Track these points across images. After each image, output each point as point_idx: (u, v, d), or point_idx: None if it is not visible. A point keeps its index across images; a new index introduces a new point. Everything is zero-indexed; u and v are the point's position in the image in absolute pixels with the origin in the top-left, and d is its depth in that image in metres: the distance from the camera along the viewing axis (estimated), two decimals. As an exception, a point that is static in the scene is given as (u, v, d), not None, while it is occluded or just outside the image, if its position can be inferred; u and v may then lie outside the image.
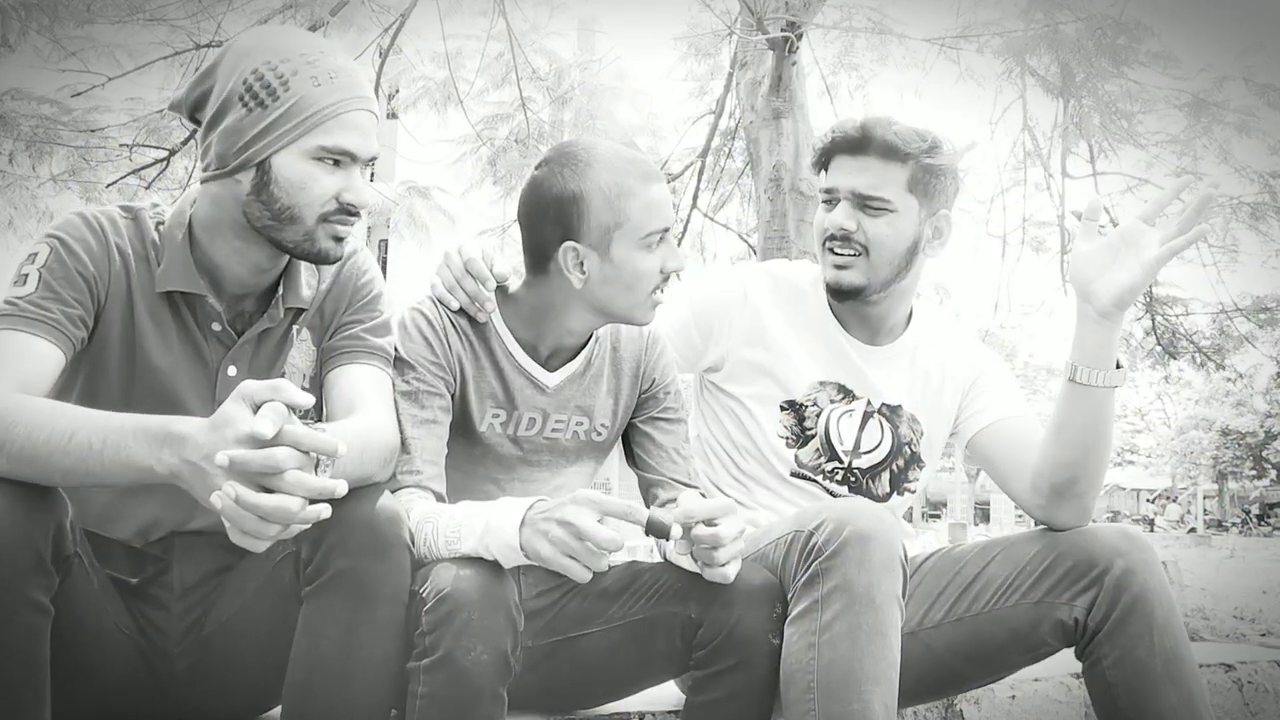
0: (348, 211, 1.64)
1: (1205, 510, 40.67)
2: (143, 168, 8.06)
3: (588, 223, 1.75)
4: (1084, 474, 1.89)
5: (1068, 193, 8.58)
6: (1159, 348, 9.91)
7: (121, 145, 7.97)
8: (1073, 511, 1.92)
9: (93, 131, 8.03)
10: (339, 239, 1.66)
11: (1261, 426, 36.11)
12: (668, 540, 1.54)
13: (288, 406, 1.32)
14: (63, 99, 7.81)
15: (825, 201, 2.07)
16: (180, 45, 6.89)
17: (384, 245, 22.42)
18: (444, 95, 8.62)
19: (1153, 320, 9.49)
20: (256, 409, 1.31)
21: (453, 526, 1.57)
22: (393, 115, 10.02)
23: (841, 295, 2.06)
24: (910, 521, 2.01)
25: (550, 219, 1.76)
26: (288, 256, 1.70)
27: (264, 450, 1.28)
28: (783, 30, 6.21)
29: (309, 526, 1.35)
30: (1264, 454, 39.02)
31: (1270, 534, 33.35)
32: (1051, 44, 7.23)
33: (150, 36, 7.32)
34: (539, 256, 1.80)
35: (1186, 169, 8.46)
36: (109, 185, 8.32)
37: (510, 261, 1.91)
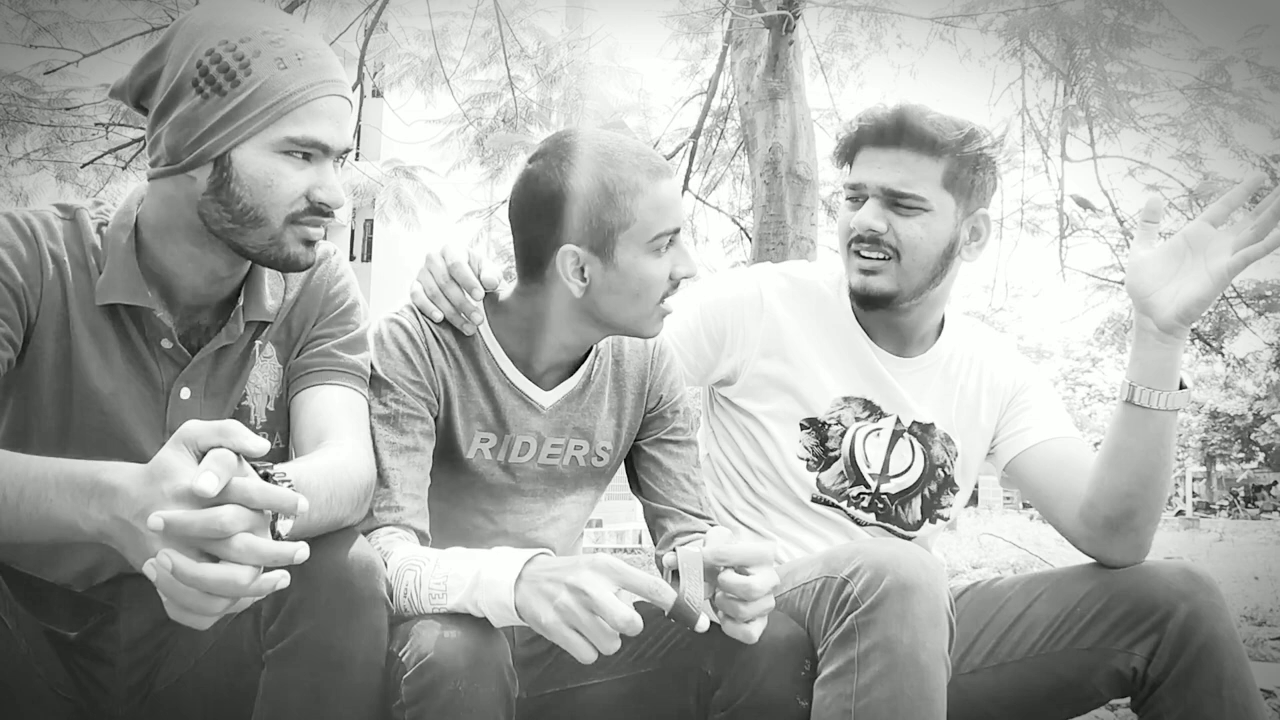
0: (319, 211, 1.43)
1: (1194, 493, 40.70)
2: (120, 147, 7.87)
3: (589, 223, 1.54)
4: (1142, 506, 1.70)
5: (1066, 176, 8.44)
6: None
7: (97, 124, 7.77)
8: (1129, 547, 1.72)
9: (67, 110, 7.83)
10: (310, 243, 1.45)
11: (1250, 409, 36.09)
12: (694, 629, 1.32)
13: (238, 453, 1.11)
14: (34, 76, 7.59)
15: (850, 199, 1.86)
16: (158, 21, 6.73)
17: (369, 226, 22.20)
18: (429, 73, 8.49)
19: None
20: (201, 455, 1.10)
21: (438, 577, 1.36)
22: (378, 94, 9.81)
23: (869, 303, 1.85)
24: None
25: (546, 219, 1.55)
26: (249, 263, 1.49)
27: (207, 511, 1.07)
28: (780, 8, 6.02)
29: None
30: (1252, 437, 39.07)
31: (1258, 516, 33.41)
32: (1056, 22, 7.04)
33: (126, 12, 7.15)
34: (533, 261, 1.60)
35: (1187, 152, 8.35)
36: (84, 166, 8.12)
37: (500, 266, 1.70)
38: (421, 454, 1.57)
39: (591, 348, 1.72)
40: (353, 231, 23.37)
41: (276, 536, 1.14)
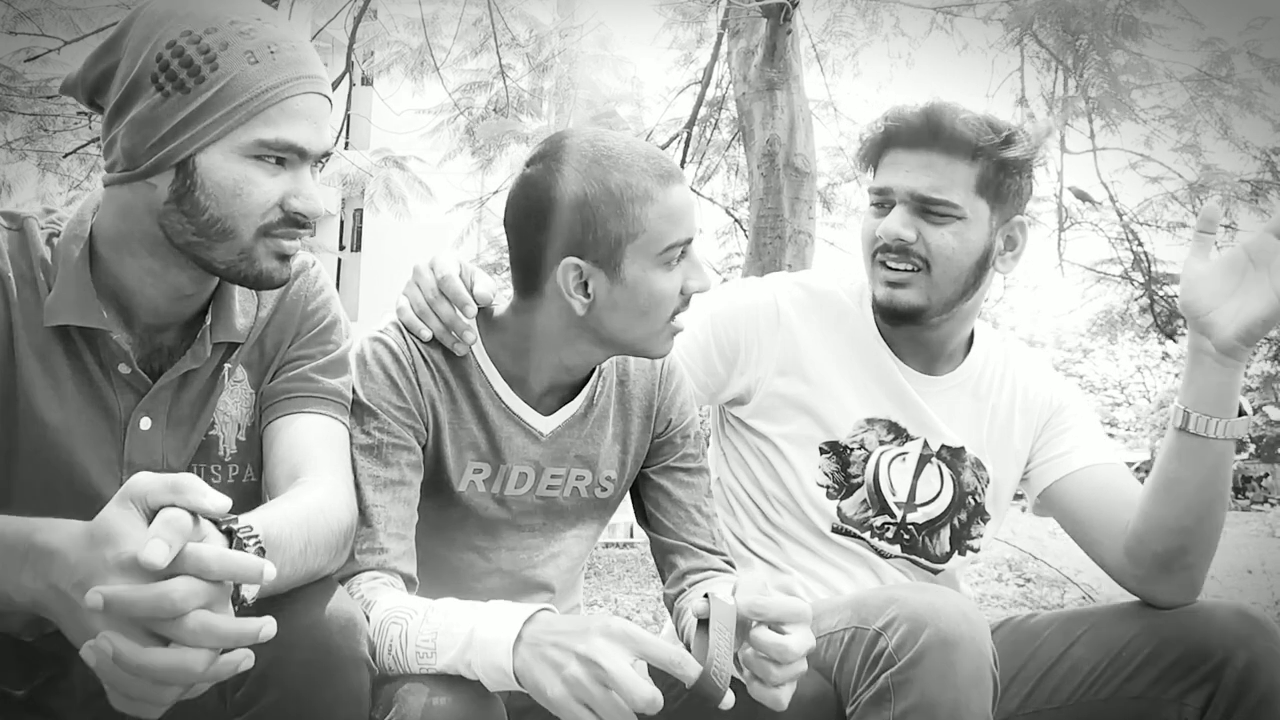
0: (295, 223, 1.29)
1: (1184, 483, 40.58)
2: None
3: (593, 234, 1.39)
4: (1196, 542, 1.56)
5: (1065, 168, 8.35)
6: (1155, 327, 9.69)
7: (80, 113, 7.61)
8: (1179, 586, 1.58)
9: (49, 98, 7.68)
10: (284, 257, 1.30)
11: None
12: (717, 705, 1.16)
13: (195, 513, 0.96)
14: (15, 64, 7.44)
15: (876, 205, 1.72)
16: (139, 9, 6.53)
17: (358, 216, 21.99)
18: (419, 62, 8.39)
19: (1151, 299, 9.26)
20: (153, 514, 0.95)
21: (427, 633, 1.21)
22: (367, 81, 9.68)
23: (896, 317, 1.71)
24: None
25: (546, 229, 1.40)
26: (217, 279, 1.34)
27: (156, 586, 0.92)
28: (778, -4, 5.87)
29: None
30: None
31: (1249, 508, 33.39)
32: (1060, 12, 6.92)
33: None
34: (531, 275, 1.45)
35: (1187, 144, 8.27)
36: (67, 155, 7.96)
37: (493, 282, 1.56)
38: (408, 488, 1.42)
39: (594, 368, 1.57)
40: (342, 221, 23.16)
41: (241, 603, 0.99)
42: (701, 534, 1.59)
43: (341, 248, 23.55)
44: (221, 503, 0.97)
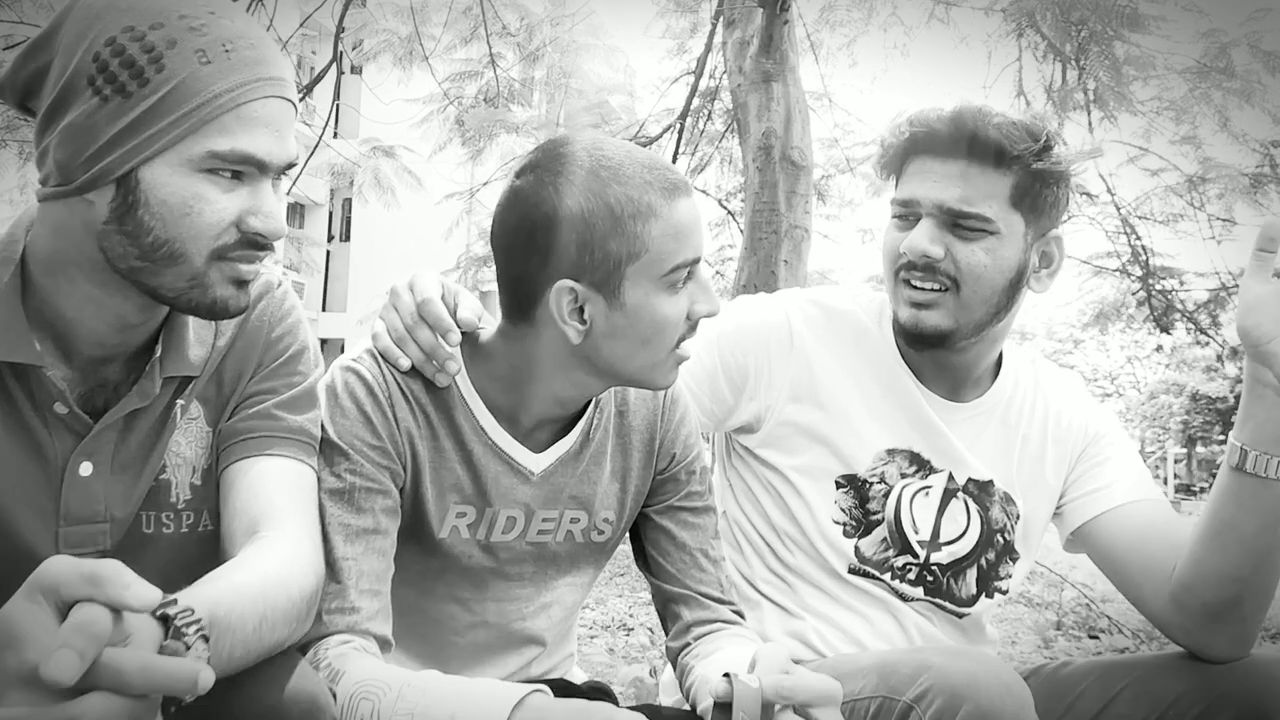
0: (254, 244, 1.13)
1: (1175, 475, 40.74)
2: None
3: (590, 254, 1.24)
4: (1252, 592, 1.41)
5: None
6: (1151, 320, 9.61)
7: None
8: (1232, 639, 1.45)
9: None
10: (242, 283, 1.15)
11: (1232, 392, 36.03)
12: None
13: (117, 609, 0.81)
14: (-7, 51, 7.26)
15: (899, 217, 1.57)
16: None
17: (348, 205, 21.82)
18: (408, 51, 8.25)
19: (1148, 293, 9.17)
20: (67, 609, 0.80)
21: (402, 712, 1.07)
22: (356, 70, 9.55)
23: (921, 341, 1.56)
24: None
25: (536, 248, 1.25)
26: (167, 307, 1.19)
27: (62, 709, 0.76)
28: (775, -15, 5.73)
29: None
30: (1233, 419, 39.04)
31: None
32: (1062, 3, 6.80)
33: (90, -15, 6.81)
34: (521, 298, 1.30)
35: (1186, 137, 8.19)
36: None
37: (479, 305, 1.41)
38: (383, 537, 1.28)
39: (591, 399, 1.42)
40: (331, 211, 22.98)
41: (176, 707, 0.84)
42: (708, 581, 1.45)
43: (330, 237, 23.42)
44: (149, 597, 0.82)
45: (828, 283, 12.21)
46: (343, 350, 1.59)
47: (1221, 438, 40.63)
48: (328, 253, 22.85)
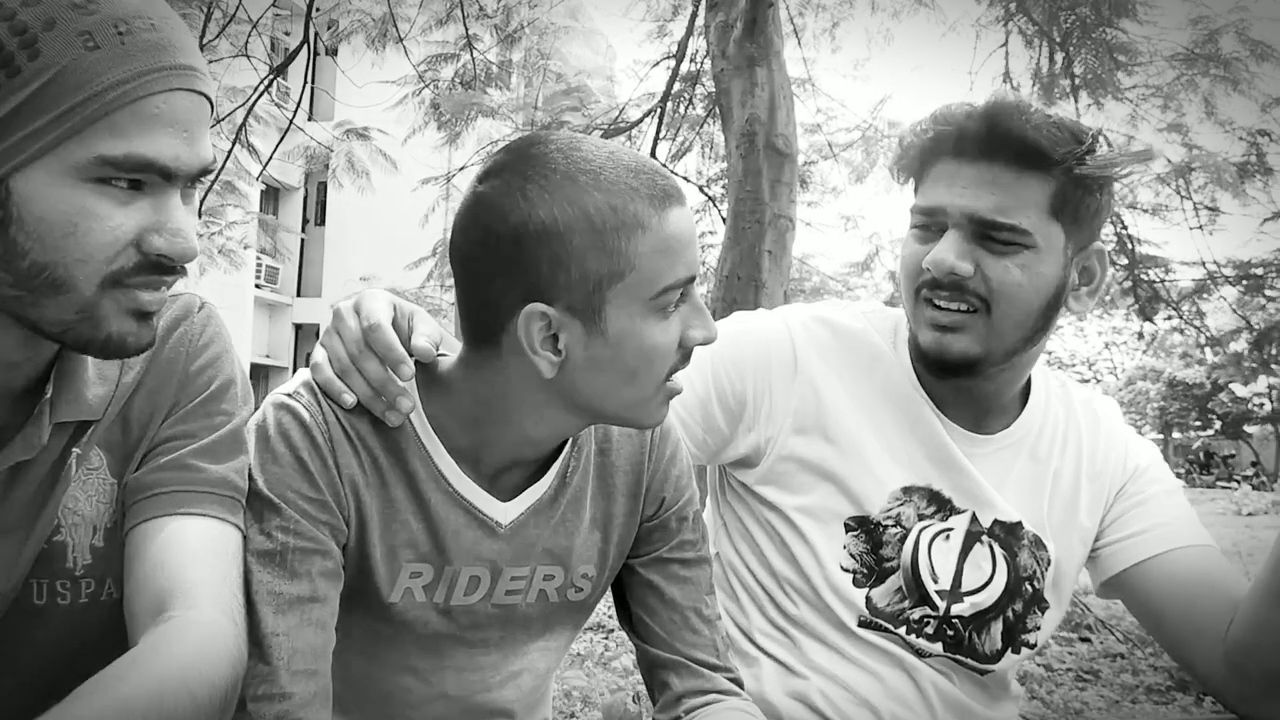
0: (159, 268, 0.94)
1: (1152, 461, 40.94)
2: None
3: (566, 273, 1.05)
4: None
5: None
6: (1136, 309, 9.55)
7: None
8: None
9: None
10: (145, 315, 0.96)
11: (1208, 378, 36.17)
12: None
13: None
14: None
15: (920, 227, 1.39)
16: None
17: (322, 188, 21.51)
18: (382, 32, 8.07)
19: (1134, 282, 9.09)
20: None
21: None
22: (331, 51, 9.37)
23: (944, 368, 1.38)
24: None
25: (503, 265, 1.06)
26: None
27: None
28: (760, -32, 5.56)
29: None
30: (1210, 405, 39.27)
31: (1214, 485, 33.60)
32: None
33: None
34: (485, 323, 1.10)
35: (1172, 124, 8.12)
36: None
37: (439, 329, 1.21)
38: (321, 605, 1.08)
39: (568, 439, 1.23)
40: (306, 195, 22.69)
41: None
42: (702, 644, 1.26)
43: (305, 222, 23.16)
44: None
45: (808, 269, 12.03)
46: (318, 336, 1.39)
47: (1198, 424, 40.83)
48: (302, 241, 22.60)
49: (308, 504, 1.09)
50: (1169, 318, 10.09)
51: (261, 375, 21.68)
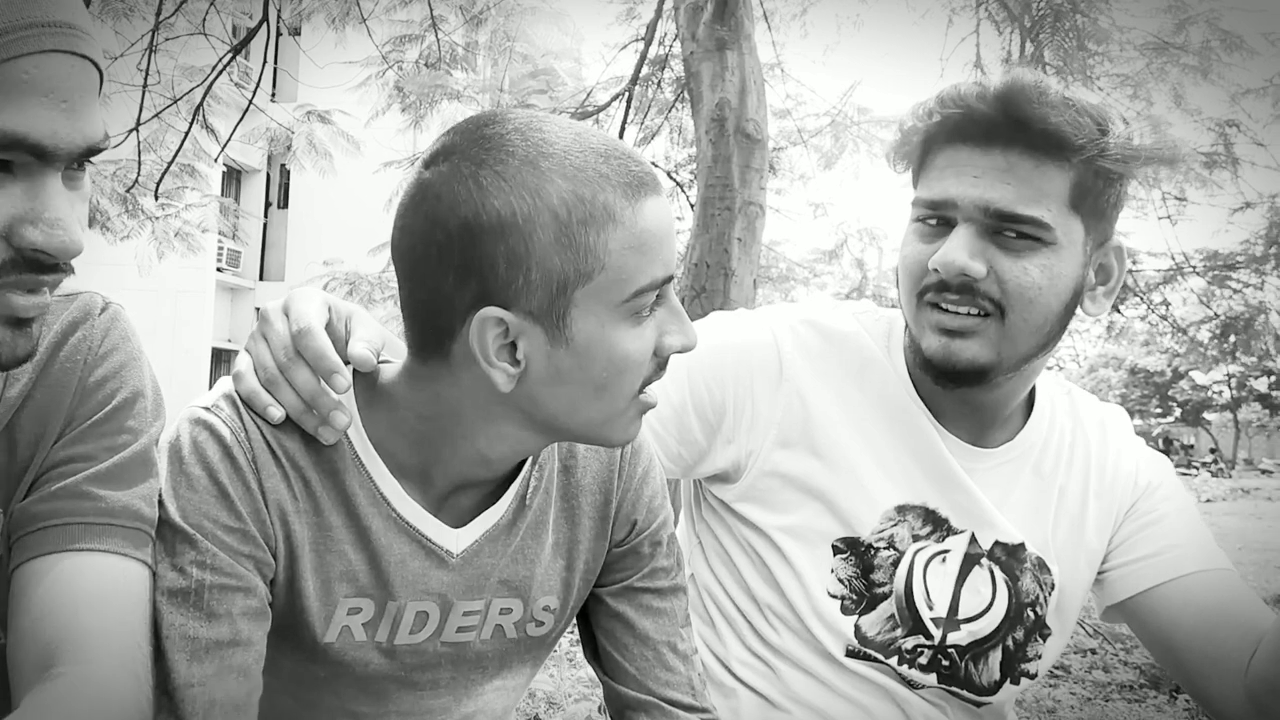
0: (35, 265, 0.80)
1: (1114, 449, 41.45)
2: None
3: (525, 273, 0.92)
4: None
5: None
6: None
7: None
8: None
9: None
10: (21, 322, 0.82)
11: (1170, 366, 36.50)
12: None
13: None
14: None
15: (923, 220, 1.26)
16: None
17: (285, 171, 21.20)
18: (344, 11, 7.91)
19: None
20: None
21: None
22: (295, 31, 9.21)
23: (951, 377, 1.26)
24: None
25: (452, 264, 0.93)
26: None
27: None
28: (731, -52, 5.46)
29: None
30: (1170, 393, 39.67)
31: (1177, 472, 33.99)
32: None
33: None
34: (432, 329, 0.97)
35: (1142, 114, 8.11)
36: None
37: (381, 332, 1.09)
38: (244, 649, 0.95)
39: (528, 458, 1.11)
40: (268, 176, 22.37)
41: None
42: (676, 683, 1.14)
43: (268, 204, 22.86)
44: None
45: (775, 254, 11.93)
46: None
47: (1159, 411, 41.24)
48: (264, 226, 22.30)
49: (227, 534, 0.96)
50: (1135, 307, 10.12)
51: (223, 360, 21.38)
